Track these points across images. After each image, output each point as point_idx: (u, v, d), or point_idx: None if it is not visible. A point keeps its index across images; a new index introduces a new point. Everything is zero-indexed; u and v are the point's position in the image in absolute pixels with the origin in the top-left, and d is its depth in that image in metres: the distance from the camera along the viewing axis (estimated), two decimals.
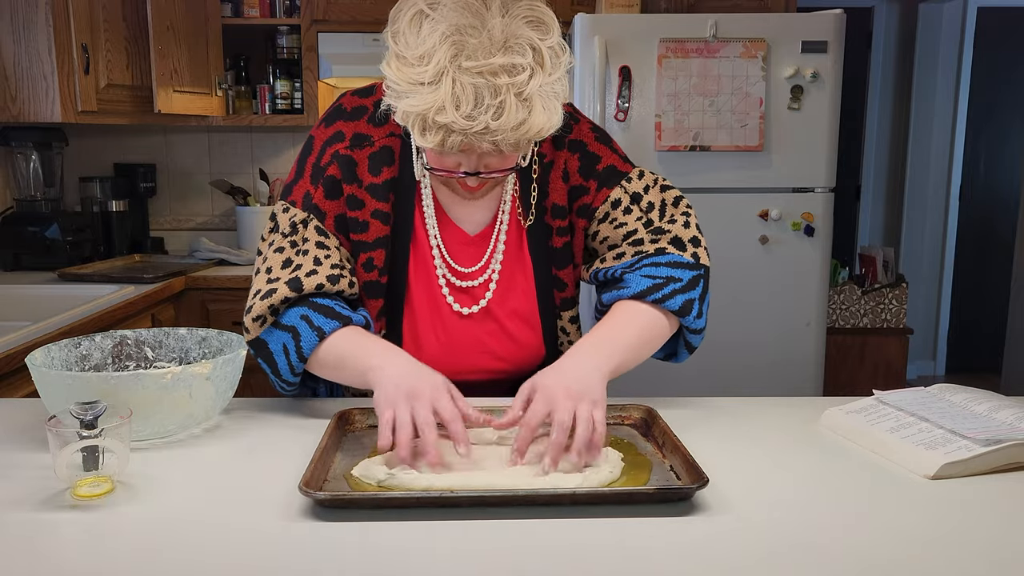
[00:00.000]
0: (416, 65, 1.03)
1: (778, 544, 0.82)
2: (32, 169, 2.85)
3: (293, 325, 1.16)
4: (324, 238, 1.22)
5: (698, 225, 1.29)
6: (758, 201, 2.74)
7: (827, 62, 2.68)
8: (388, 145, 1.25)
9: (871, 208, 4.83)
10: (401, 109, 1.06)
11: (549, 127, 1.07)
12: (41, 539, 0.84)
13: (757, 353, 2.80)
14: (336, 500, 0.89)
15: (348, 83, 3.23)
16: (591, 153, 1.29)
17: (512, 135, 1.04)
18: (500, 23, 1.02)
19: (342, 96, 1.30)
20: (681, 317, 1.22)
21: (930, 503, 0.93)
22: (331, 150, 1.24)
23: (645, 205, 1.29)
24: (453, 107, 1.01)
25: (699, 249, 1.26)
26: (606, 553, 0.80)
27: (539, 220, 1.28)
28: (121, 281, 2.56)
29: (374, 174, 1.24)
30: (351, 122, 1.26)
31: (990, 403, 1.12)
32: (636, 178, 1.30)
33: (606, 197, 1.28)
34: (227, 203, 3.35)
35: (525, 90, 1.02)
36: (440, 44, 1.01)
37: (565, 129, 1.26)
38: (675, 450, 1.01)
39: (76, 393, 0.99)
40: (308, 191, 1.24)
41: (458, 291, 1.28)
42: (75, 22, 2.37)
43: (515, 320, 1.30)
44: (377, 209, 1.24)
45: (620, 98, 2.68)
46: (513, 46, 1.02)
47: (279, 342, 1.17)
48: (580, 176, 1.29)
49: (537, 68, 1.03)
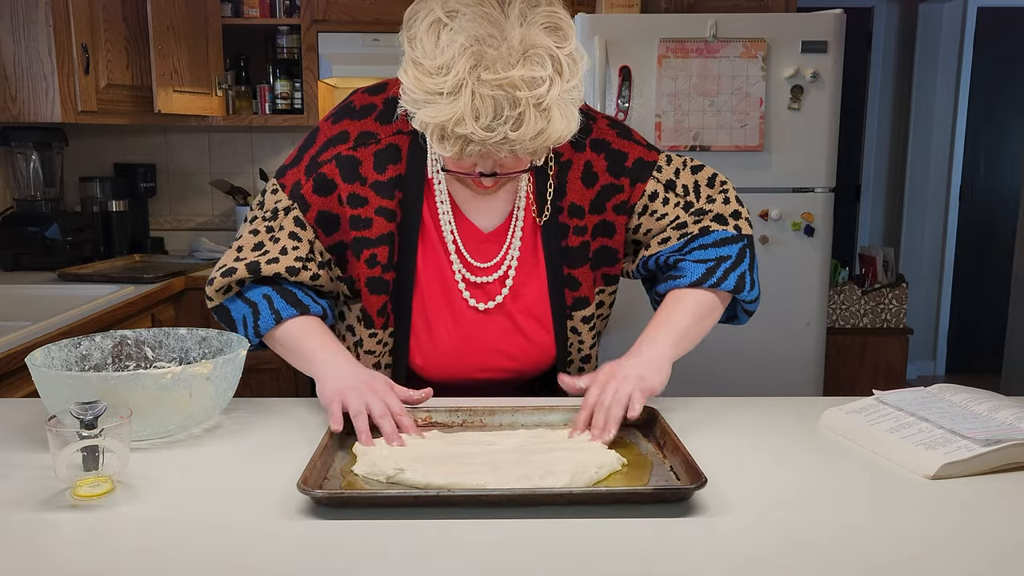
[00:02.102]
0: (435, 75, 1.03)
1: (778, 544, 0.82)
2: (32, 169, 2.85)
3: (255, 302, 1.24)
4: (300, 229, 1.26)
5: (737, 197, 1.33)
6: (758, 201, 2.74)
7: (827, 62, 2.68)
8: (395, 143, 1.26)
9: (871, 208, 4.83)
10: (419, 118, 1.07)
11: (568, 133, 1.08)
12: (41, 539, 0.84)
13: (757, 353, 2.80)
14: (335, 499, 0.89)
15: (348, 83, 3.23)
16: (616, 151, 1.30)
17: (531, 144, 1.05)
18: (519, 33, 1.02)
19: (354, 93, 1.31)
20: (737, 294, 1.28)
21: (930, 503, 0.93)
22: (333, 151, 1.26)
23: (680, 190, 1.31)
24: (472, 119, 1.02)
25: (740, 221, 1.31)
26: (605, 552, 0.80)
27: (554, 219, 1.29)
28: (121, 281, 2.56)
29: (379, 171, 1.25)
30: (358, 121, 1.27)
31: (990, 403, 1.12)
32: (665, 164, 1.32)
33: (642, 192, 1.30)
34: (227, 203, 3.35)
35: (544, 100, 1.03)
36: (459, 55, 1.01)
37: (583, 131, 1.28)
38: (675, 450, 1.02)
39: (76, 393, 0.99)
40: (299, 180, 1.27)
41: (474, 287, 1.29)
42: (75, 22, 2.37)
43: (528, 318, 1.30)
44: (381, 206, 1.25)
45: (620, 98, 2.68)
46: (532, 56, 1.02)
47: (240, 312, 1.25)
48: (610, 175, 1.30)
49: (556, 77, 1.04)
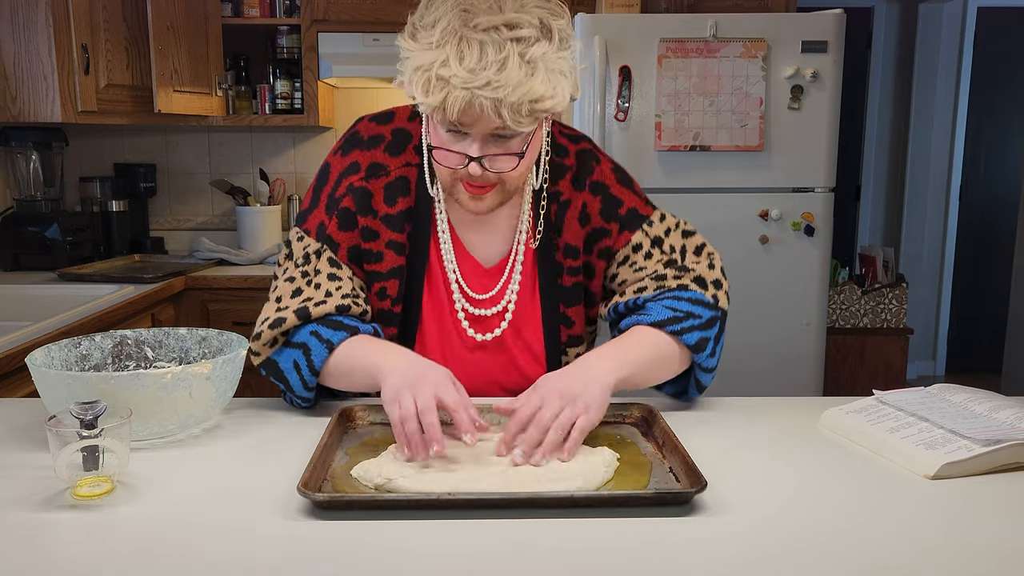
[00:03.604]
0: (426, 30, 1.07)
1: (778, 545, 0.82)
2: (32, 169, 2.85)
3: (303, 342, 1.18)
4: (336, 269, 1.23)
5: (722, 269, 1.31)
6: (758, 201, 2.74)
7: (827, 62, 2.68)
8: (404, 175, 1.26)
9: (871, 208, 4.83)
10: (408, 72, 1.08)
11: (552, 102, 1.07)
12: (41, 539, 0.84)
13: (757, 353, 2.80)
14: (335, 501, 0.89)
15: (348, 83, 3.24)
16: (614, 196, 1.30)
17: (514, 94, 1.04)
18: (512, 4, 1.07)
19: (359, 121, 1.31)
20: (695, 353, 1.23)
21: (930, 503, 0.93)
22: (346, 182, 1.25)
23: (667, 248, 1.30)
24: (457, 60, 1.04)
25: (720, 292, 1.28)
26: (605, 554, 0.80)
27: (551, 257, 1.29)
28: (121, 281, 2.56)
29: (389, 204, 1.25)
30: (367, 151, 1.26)
31: (990, 403, 1.12)
32: (658, 221, 1.31)
33: (627, 241, 1.29)
34: (227, 203, 3.35)
35: (529, 52, 1.05)
36: (450, 10, 1.06)
37: (586, 170, 1.29)
38: (675, 451, 1.01)
39: (76, 393, 0.99)
40: (322, 221, 1.25)
41: (474, 319, 1.28)
42: (75, 22, 2.37)
43: (526, 354, 1.30)
44: (392, 239, 1.25)
45: (620, 98, 2.68)
46: (522, 15, 1.06)
47: (289, 359, 1.19)
48: (602, 218, 1.29)
49: (543, 38, 1.06)
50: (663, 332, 1.21)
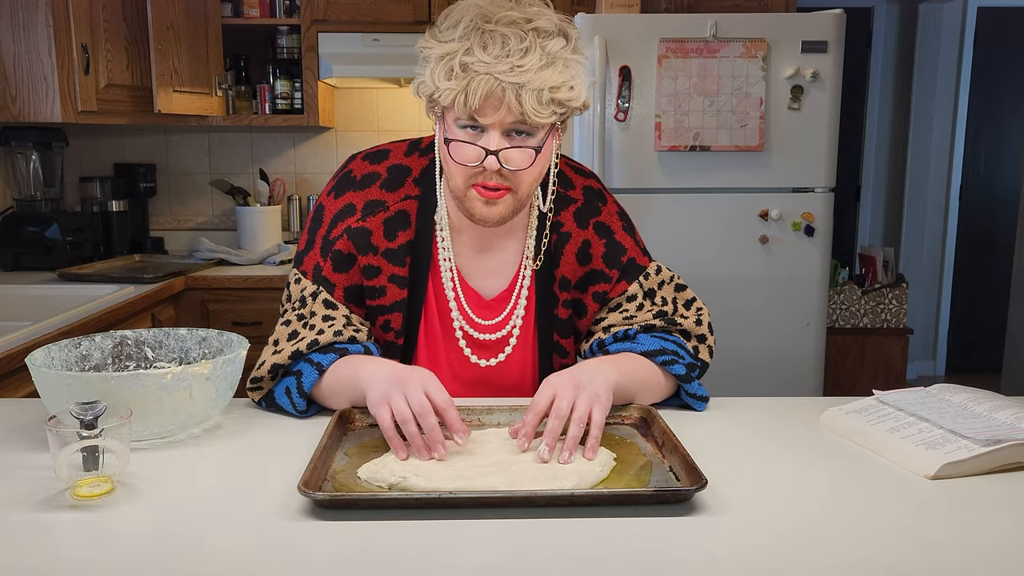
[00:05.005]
0: (448, 29, 1.11)
1: (778, 544, 0.82)
2: (32, 169, 2.85)
3: (298, 369, 1.20)
4: (331, 310, 1.24)
5: (710, 324, 1.33)
6: (758, 201, 2.74)
7: (827, 62, 2.68)
8: (403, 208, 1.26)
9: (871, 208, 4.83)
10: (432, 63, 1.11)
11: (570, 93, 1.11)
12: (41, 539, 0.84)
13: (757, 353, 2.80)
14: (335, 501, 0.89)
15: (348, 83, 3.24)
16: (618, 242, 1.31)
17: (536, 79, 1.07)
18: (528, 9, 1.12)
19: (351, 160, 1.31)
20: (683, 383, 1.24)
21: (930, 503, 0.93)
22: (342, 225, 1.25)
23: (659, 300, 1.32)
24: (480, 48, 1.08)
25: (702, 345, 1.32)
26: (605, 553, 0.80)
27: (547, 288, 1.30)
28: (121, 281, 2.56)
29: (389, 239, 1.25)
30: (361, 191, 1.26)
31: (990, 403, 1.12)
32: (654, 274, 1.33)
33: (623, 290, 1.31)
34: (227, 203, 3.35)
35: (549, 45, 1.09)
36: (471, 10, 1.11)
37: (592, 209, 1.30)
38: (674, 450, 1.02)
39: (76, 393, 0.99)
40: (318, 263, 1.26)
41: (477, 345, 1.30)
42: (75, 22, 2.37)
43: (523, 381, 1.32)
44: (394, 274, 1.26)
45: (620, 98, 2.68)
46: (541, 13, 1.11)
47: (282, 387, 1.20)
48: (604, 263, 1.30)
49: (560, 39, 1.11)
50: (652, 360, 1.23)
